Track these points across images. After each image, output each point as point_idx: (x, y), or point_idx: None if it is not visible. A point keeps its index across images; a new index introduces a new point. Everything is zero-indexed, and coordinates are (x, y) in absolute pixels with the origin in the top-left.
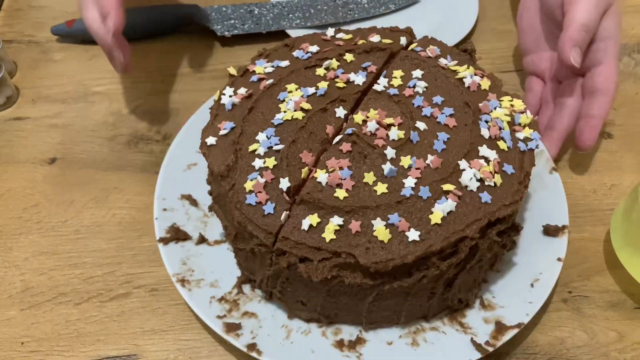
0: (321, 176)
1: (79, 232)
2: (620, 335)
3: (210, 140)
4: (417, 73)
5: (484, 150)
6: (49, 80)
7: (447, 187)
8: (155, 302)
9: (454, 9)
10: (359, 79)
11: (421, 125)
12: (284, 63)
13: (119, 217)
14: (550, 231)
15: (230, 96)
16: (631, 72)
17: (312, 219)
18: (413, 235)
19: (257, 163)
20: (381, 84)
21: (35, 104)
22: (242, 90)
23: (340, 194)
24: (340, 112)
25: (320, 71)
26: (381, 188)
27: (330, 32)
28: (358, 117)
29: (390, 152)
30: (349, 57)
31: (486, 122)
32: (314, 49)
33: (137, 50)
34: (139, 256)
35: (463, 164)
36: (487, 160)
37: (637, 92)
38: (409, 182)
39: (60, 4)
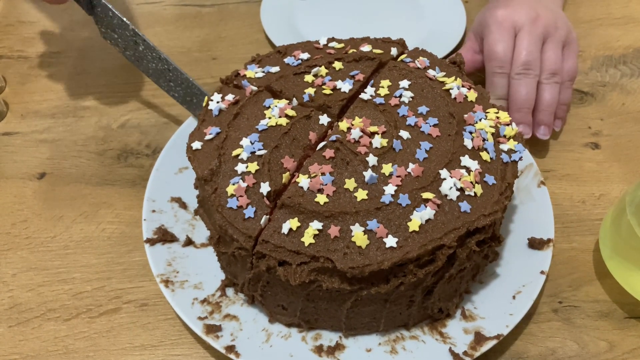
0: (303, 181)
1: (68, 248)
2: (610, 345)
3: (196, 144)
4: (404, 83)
5: (465, 160)
6: (39, 95)
7: (426, 195)
8: (145, 317)
9: (442, 22)
10: (345, 86)
11: (404, 134)
12: (274, 69)
13: (108, 231)
14: (535, 244)
15: (218, 102)
16: (617, 83)
17: (292, 223)
18: (391, 241)
19: (240, 168)
20: (368, 92)
21: (24, 119)
22: (230, 97)
23: (321, 199)
24: (324, 119)
25: (308, 77)
26: (361, 194)
27: (322, 40)
28: (343, 125)
29: (372, 160)
30: (337, 65)
31: (470, 133)
32: (305, 56)
33: (126, 63)
34: (128, 271)
35: (444, 173)
36: (468, 170)
37: (623, 103)
38: (389, 189)
39: (50, 19)
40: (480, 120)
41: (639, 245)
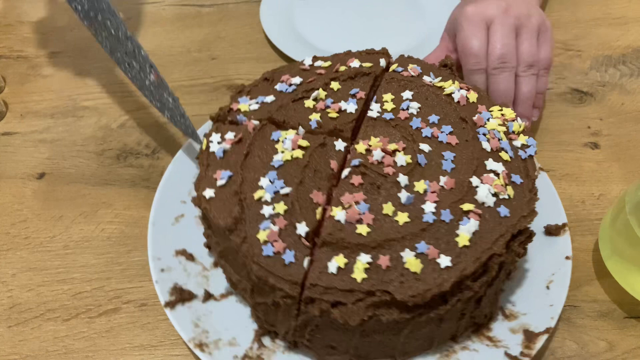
0: (339, 214)
1: (68, 248)
2: (610, 345)
3: (208, 192)
4: (407, 94)
5: (490, 163)
6: (38, 95)
7: (466, 206)
8: (144, 317)
9: (442, 22)
10: (350, 106)
11: (425, 147)
12: (269, 98)
13: (108, 232)
14: (552, 231)
15: (219, 142)
16: (617, 83)
17: (339, 261)
18: (444, 261)
19: (266, 210)
20: (374, 109)
21: (23, 119)
22: (230, 135)
23: (363, 229)
24: (340, 144)
25: (309, 103)
26: (402, 217)
27: (307, 60)
28: (360, 147)
29: (403, 179)
30: (334, 85)
31: (484, 135)
32: (297, 80)
33: None
34: (128, 271)
35: (475, 180)
36: (495, 173)
37: (623, 103)
38: (429, 207)
39: (49, 19)
40: (488, 120)
41: (638, 245)
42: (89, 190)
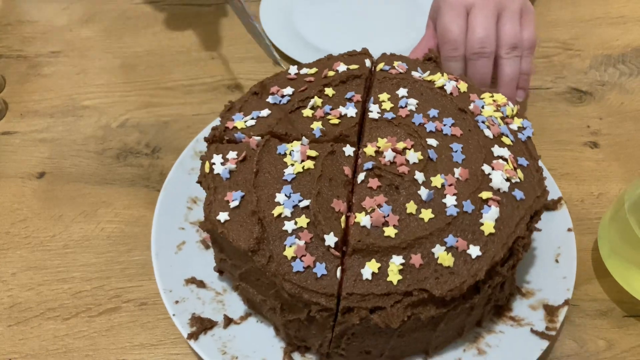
0: (363, 219)
1: (68, 247)
2: (609, 343)
3: (223, 216)
4: (402, 91)
5: (496, 150)
6: (38, 94)
7: (484, 195)
8: (144, 316)
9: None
10: (350, 111)
11: (432, 141)
12: (264, 112)
13: (107, 231)
14: (549, 206)
15: (223, 163)
16: (616, 83)
17: (372, 266)
18: (474, 251)
19: (289, 226)
20: (374, 110)
21: (23, 118)
22: (233, 154)
23: (390, 231)
24: (349, 149)
25: (307, 112)
26: (427, 214)
27: (292, 69)
28: (369, 150)
29: (419, 177)
30: (329, 91)
31: (483, 122)
32: (289, 90)
33: (125, 62)
34: (128, 270)
35: (487, 168)
36: (504, 158)
37: (622, 102)
38: (450, 200)
39: (49, 18)
40: (483, 107)
41: (637, 244)
42: (89, 190)
